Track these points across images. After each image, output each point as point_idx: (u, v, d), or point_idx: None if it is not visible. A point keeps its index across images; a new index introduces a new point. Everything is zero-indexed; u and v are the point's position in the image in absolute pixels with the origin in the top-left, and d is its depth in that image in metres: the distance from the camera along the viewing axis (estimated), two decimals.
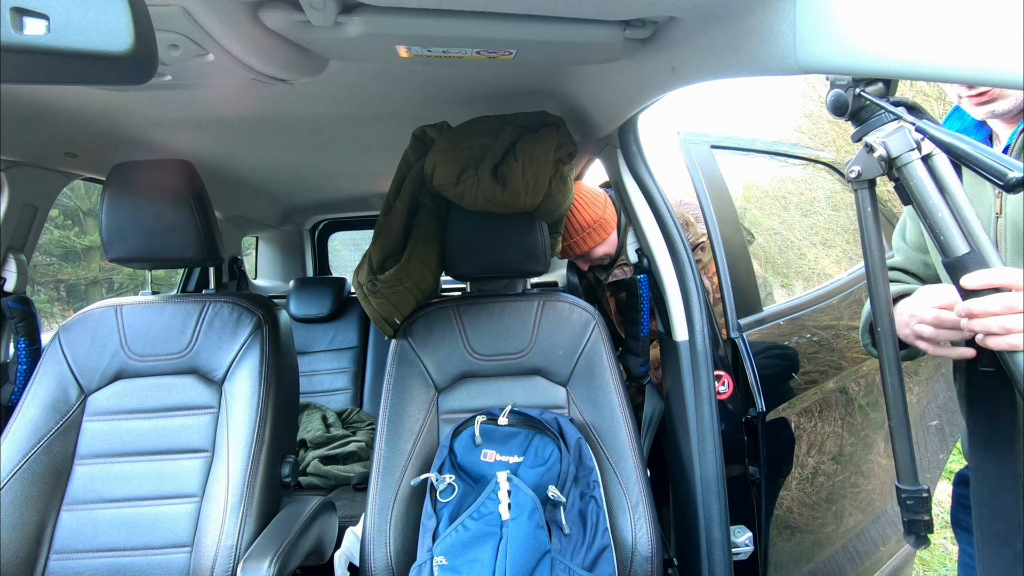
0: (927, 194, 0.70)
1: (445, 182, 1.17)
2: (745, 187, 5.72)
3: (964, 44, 0.48)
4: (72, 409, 1.17)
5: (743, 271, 1.40)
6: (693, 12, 0.69)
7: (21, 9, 0.38)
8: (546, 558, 1.02)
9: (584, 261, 1.69)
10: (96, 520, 1.10)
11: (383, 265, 1.25)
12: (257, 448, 1.13)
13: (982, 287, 0.69)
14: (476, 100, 1.27)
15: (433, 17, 0.72)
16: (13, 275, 1.36)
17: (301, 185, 2.19)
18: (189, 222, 1.18)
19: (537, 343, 1.27)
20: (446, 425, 1.21)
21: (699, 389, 1.18)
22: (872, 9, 0.53)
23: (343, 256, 3.40)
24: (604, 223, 1.57)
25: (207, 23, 0.66)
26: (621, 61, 0.89)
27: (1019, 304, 0.68)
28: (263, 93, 1.11)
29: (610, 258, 1.65)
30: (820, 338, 1.51)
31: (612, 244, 1.62)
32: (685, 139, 1.47)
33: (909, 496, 0.77)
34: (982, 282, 0.69)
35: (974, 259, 0.69)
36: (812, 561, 1.46)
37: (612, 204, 1.62)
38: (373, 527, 1.10)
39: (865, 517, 1.62)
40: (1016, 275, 0.69)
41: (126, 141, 1.39)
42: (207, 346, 1.21)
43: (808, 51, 0.59)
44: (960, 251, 0.69)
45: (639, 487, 1.13)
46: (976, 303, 0.70)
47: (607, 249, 1.62)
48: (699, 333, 1.19)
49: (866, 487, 1.62)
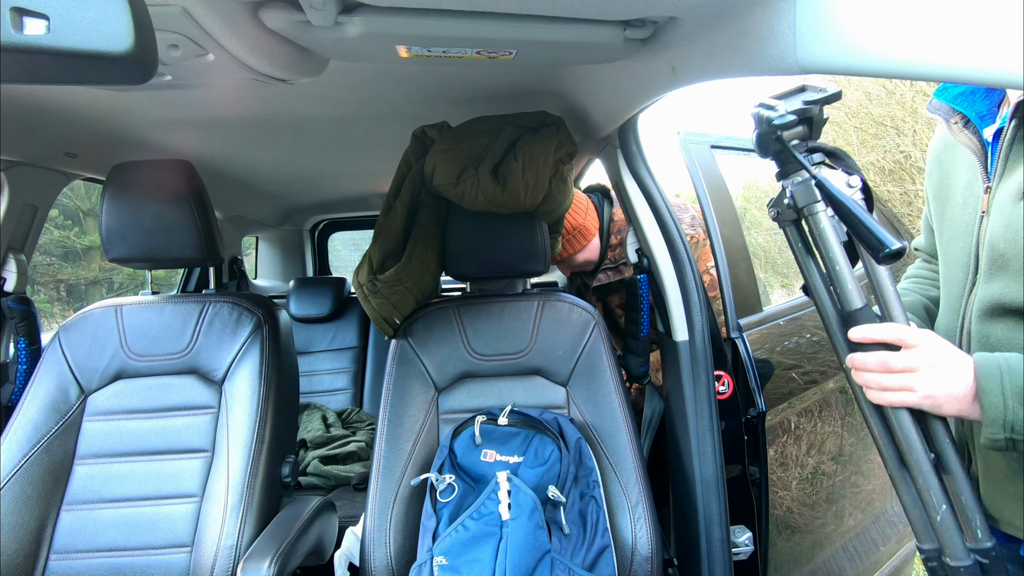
0: (829, 246, 0.71)
1: (445, 182, 1.17)
2: (745, 187, 5.72)
3: (964, 44, 0.48)
4: (72, 409, 1.17)
5: (743, 271, 1.40)
6: (693, 12, 0.69)
7: (21, 9, 0.38)
8: (546, 558, 1.02)
9: (565, 267, 1.68)
10: (96, 520, 1.10)
11: (383, 265, 1.25)
12: (257, 448, 1.13)
13: (866, 340, 0.70)
14: (476, 100, 1.27)
15: (433, 17, 0.72)
16: (13, 275, 1.36)
17: (301, 185, 2.19)
18: (189, 222, 1.18)
19: (537, 343, 1.27)
20: (446, 425, 1.21)
21: (699, 389, 1.18)
22: (872, 9, 0.53)
23: (343, 256, 3.40)
24: (584, 230, 1.55)
25: (207, 23, 0.66)
26: (621, 61, 0.89)
27: (897, 363, 0.68)
28: (263, 93, 1.11)
29: (592, 264, 1.64)
30: (820, 338, 1.51)
31: (594, 251, 1.60)
32: (685, 139, 1.47)
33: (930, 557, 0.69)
34: (866, 336, 0.70)
35: (864, 314, 0.71)
36: (812, 561, 1.46)
37: (595, 210, 1.60)
38: (373, 527, 1.10)
39: (865, 517, 1.62)
40: (904, 333, 0.69)
41: (126, 141, 1.39)
42: (207, 346, 1.21)
43: (808, 51, 0.59)
44: (854, 305, 0.71)
45: (639, 487, 1.13)
46: (857, 357, 0.71)
47: (588, 255, 1.60)
48: (699, 333, 1.19)
49: (866, 487, 1.62)
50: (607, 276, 1.60)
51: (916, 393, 0.68)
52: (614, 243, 1.60)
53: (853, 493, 1.57)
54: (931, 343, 0.69)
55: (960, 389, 0.67)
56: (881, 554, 1.67)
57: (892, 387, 0.69)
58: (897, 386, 0.68)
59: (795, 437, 1.39)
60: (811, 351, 1.46)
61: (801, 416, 1.38)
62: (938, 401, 0.67)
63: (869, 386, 0.71)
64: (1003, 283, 0.74)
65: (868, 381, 0.71)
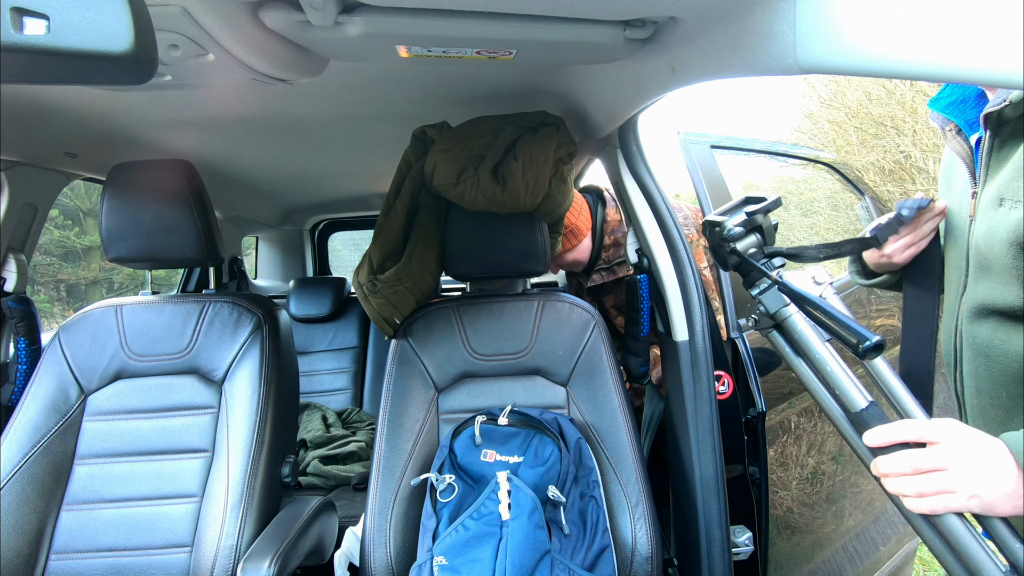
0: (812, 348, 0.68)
1: (445, 182, 1.17)
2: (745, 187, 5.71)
3: (964, 44, 0.48)
4: (72, 409, 1.17)
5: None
6: (693, 12, 0.69)
7: (21, 9, 0.38)
8: (546, 558, 1.02)
9: (554, 265, 1.68)
10: (96, 520, 1.10)
11: (383, 265, 1.25)
12: (257, 448, 1.13)
13: (885, 444, 0.65)
14: (476, 100, 1.27)
15: (433, 17, 0.72)
16: (13, 275, 1.36)
17: (301, 185, 2.19)
18: (189, 222, 1.18)
19: (537, 343, 1.27)
20: (446, 425, 1.21)
21: (699, 389, 1.18)
22: (872, 9, 0.53)
23: (343, 256, 3.40)
24: (576, 230, 1.55)
25: (207, 23, 0.66)
26: (621, 61, 0.89)
27: (926, 463, 0.61)
28: (263, 93, 1.11)
29: (581, 265, 1.63)
30: None
31: (583, 251, 1.59)
32: (685, 139, 1.47)
33: None
34: (883, 439, 0.64)
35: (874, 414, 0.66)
36: (812, 561, 1.46)
37: (588, 211, 1.59)
38: (373, 527, 1.10)
39: (865, 517, 1.62)
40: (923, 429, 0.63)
41: (126, 141, 1.39)
42: (207, 346, 1.21)
43: (808, 51, 0.59)
44: (859, 406, 0.66)
45: (639, 487, 1.13)
46: (881, 462, 0.65)
47: (577, 256, 1.59)
48: (699, 333, 1.19)
49: (866, 487, 1.62)
50: (601, 276, 1.60)
51: (958, 495, 0.60)
52: (608, 243, 1.59)
53: (853, 493, 1.57)
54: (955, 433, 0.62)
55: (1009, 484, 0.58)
56: (881, 554, 1.67)
57: (929, 492, 0.61)
58: (935, 490, 0.61)
59: (795, 437, 1.39)
60: None
61: (801, 416, 1.38)
62: (987, 500, 0.59)
63: (905, 494, 0.63)
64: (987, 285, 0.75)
65: (903, 489, 0.63)
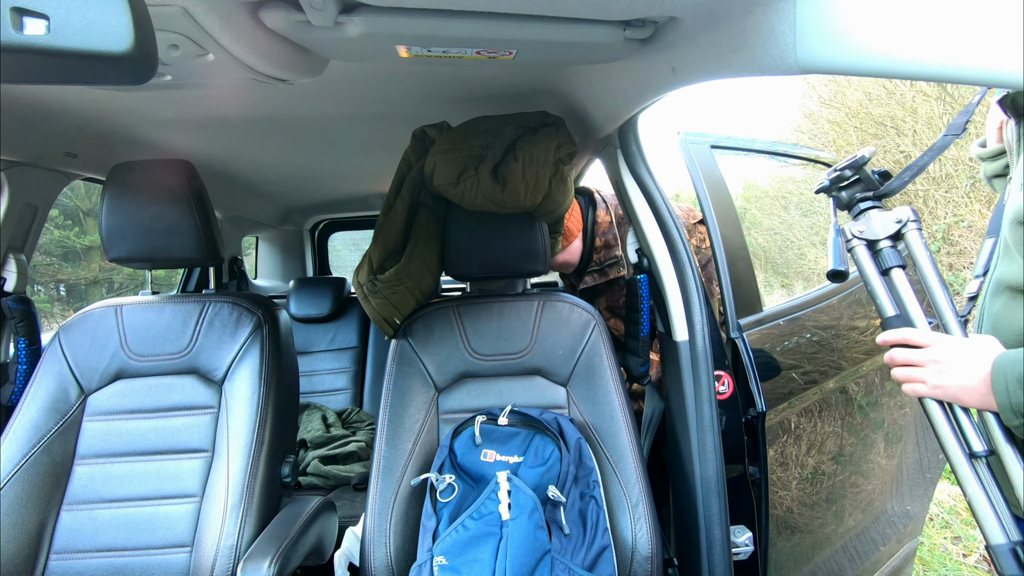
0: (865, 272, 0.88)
1: (445, 182, 1.17)
2: (745, 187, 5.71)
3: (964, 44, 0.48)
4: (72, 409, 1.17)
5: (743, 271, 1.40)
6: (693, 12, 0.69)
7: (21, 9, 0.38)
8: (546, 558, 1.02)
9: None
10: (96, 520, 1.10)
11: (383, 265, 1.25)
12: (257, 448, 1.13)
13: (884, 343, 0.84)
14: (476, 100, 1.27)
15: (433, 17, 0.72)
16: (13, 275, 1.36)
17: (301, 185, 2.19)
18: (189, 222, 1.17)
19: (537, 343, 1.27)
20: (446, 425, 1.21)
21: (699, 389, 1.18)
22: (872, 9, 0.53)
23: (343, 256, 3.40)
24: (567, 231, 1.54)
25: (207, 23, 0.66)
26: (621, 61, 0.89)
27: (918, 358, 0.80)
28: (263, 93, 1.11)
29: (572, 267, 1.62)
30: (820, 338, 1.51)
31: (573, 253, 1.58)
32: (685, 139, 1.47)
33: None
34: (883, 339, 0.85)
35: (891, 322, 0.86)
36: (812, 561, 1.46)
37: (579, 213, 1.58)
38: (373, 527, 1.10)
39: (865, 517, 1.62)
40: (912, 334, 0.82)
41: (126, 141, 1.39)
42: (207, 346, 1.21)
43: (808, 51, 0.59)
44: (887, 313, 0.86)
45: (639, 487, 1.13)
46: (891, 354, 0.84)
47: (567, 257, 1.59)
48: (699, 333, 1.19)
49: (866, 487, 1.62)
50: (593, 278, 1.60)
51: (926, 384, 0.78)
52: (599, 245, 1.59)
53: (853, 493, 1.57)
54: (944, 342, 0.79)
55: (972, 381, 0.74)
56: (881, 554, 1.67)
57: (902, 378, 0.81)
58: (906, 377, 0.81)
59: (795, 437, 1.39)
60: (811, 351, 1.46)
61: (801, 416, 1.38)
62: (951, 392, 0.76)
63: (898, 379, 0.82)
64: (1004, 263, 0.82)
65: (895, 375, 0.83)
